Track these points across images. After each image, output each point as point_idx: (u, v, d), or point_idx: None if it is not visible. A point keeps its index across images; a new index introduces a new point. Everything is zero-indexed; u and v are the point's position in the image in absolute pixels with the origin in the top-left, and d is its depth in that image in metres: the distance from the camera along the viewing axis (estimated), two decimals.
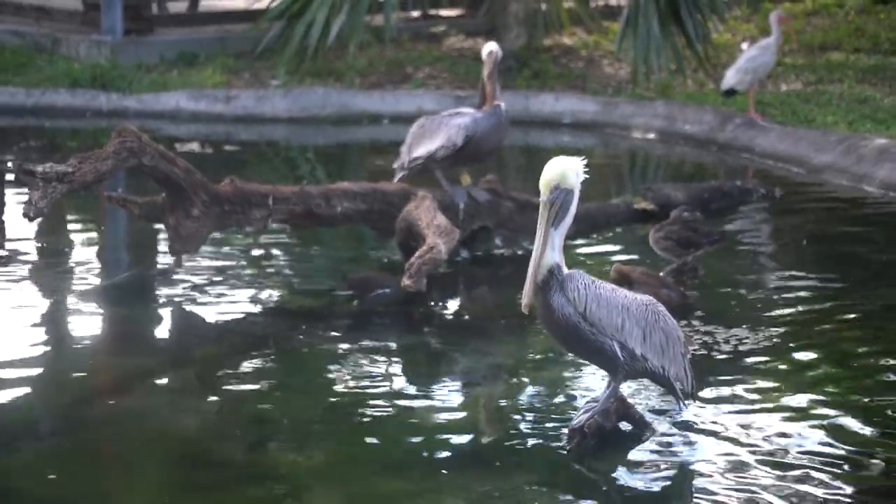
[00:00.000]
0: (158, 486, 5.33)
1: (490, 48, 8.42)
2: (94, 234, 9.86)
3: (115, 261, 9.04)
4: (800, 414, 5.93)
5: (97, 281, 8.17)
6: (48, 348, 6.96)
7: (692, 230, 8.16)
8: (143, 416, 6.03)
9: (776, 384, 6.34)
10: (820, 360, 6.73)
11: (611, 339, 5.44)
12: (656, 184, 10.41)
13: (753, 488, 5.17)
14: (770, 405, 6.04)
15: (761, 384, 6.34)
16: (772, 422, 5.83)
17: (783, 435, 5.68)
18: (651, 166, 12.95)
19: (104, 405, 6.22)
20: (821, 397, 6.16)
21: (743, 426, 5.77)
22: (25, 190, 7.21)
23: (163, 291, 7.91)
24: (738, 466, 5.38)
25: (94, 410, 6.13)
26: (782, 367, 6.60)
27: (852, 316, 7.49)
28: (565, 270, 5.42)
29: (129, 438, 5.77)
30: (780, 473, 5.29)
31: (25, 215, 7.20)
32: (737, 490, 5.16)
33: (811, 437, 5.64)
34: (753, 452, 5.50)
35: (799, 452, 5.49)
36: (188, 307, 7.65)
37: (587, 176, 5.39)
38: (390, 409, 6.07)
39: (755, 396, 6.16)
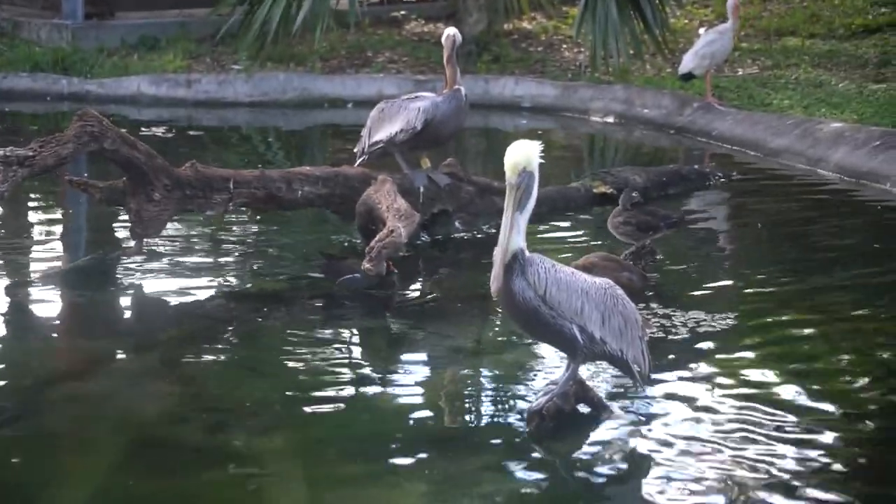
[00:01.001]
0: (119, 470, 5.33)
1: (449, 33, 8.45)
2: (55, 218, 9.83)
3: (77, 244, 9.02)
4: (755, 394, 5.99)
5: (58, 264, 8.14)
6: (8, 332, 6.97)
7: (650, 214, 8.18)
8: (104, 400, 6.03)
9: (732, 366, 6.40)
10: (775, 341, 6.81)
11: (570, 322, 5.48)
12: (615, 167, 10.48)
13: (709, 469, 5.23)
14: (726, 386, 6.10)
15: (718, 366, 6.41)
16: (728, 403, 5.89)
17: (739, 415, 5.74)
18: (610, 150, 13.01)
19: (65, 388, 6.22)
20: (776, 378, 6.24)
21: (699, 408, 5.83)
22: None
23: (124, 275, 7.88)
24: (695, 447, 5.43)
25: (56, 394, 6.13)
26: (738, 348, 6.67)
27: (806, 297, 7.57)
28: (527, 254, 5.47)
29: (90, 422, 5.79)
30: (736, 453, 5.35)
31: None
32: (693, 471, 5.22)
33: (766, 418, 5.69)
34: (709, 433, 5.55)
35: (754, 432, 5.55)
36: (150, 291, 7.65)
37: (542, 160, 5.44)
38: (351, 392, 6.10)
39: (712, 378, 6.22)
